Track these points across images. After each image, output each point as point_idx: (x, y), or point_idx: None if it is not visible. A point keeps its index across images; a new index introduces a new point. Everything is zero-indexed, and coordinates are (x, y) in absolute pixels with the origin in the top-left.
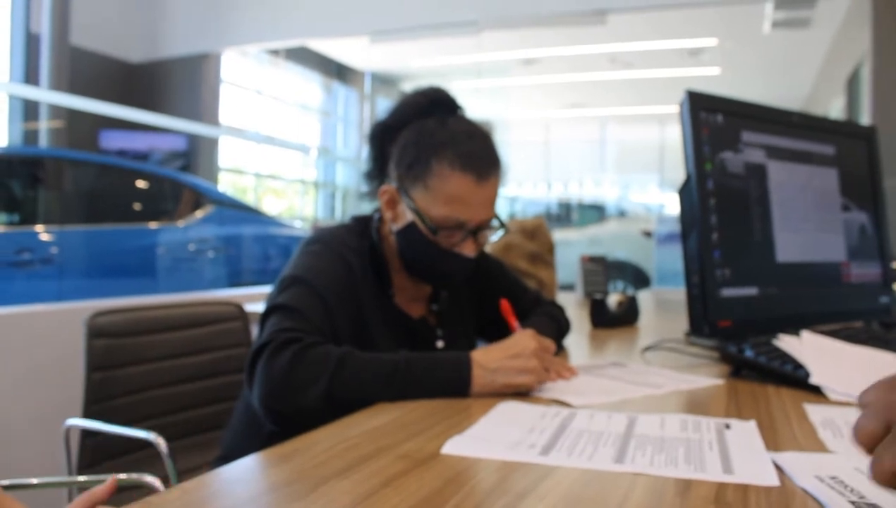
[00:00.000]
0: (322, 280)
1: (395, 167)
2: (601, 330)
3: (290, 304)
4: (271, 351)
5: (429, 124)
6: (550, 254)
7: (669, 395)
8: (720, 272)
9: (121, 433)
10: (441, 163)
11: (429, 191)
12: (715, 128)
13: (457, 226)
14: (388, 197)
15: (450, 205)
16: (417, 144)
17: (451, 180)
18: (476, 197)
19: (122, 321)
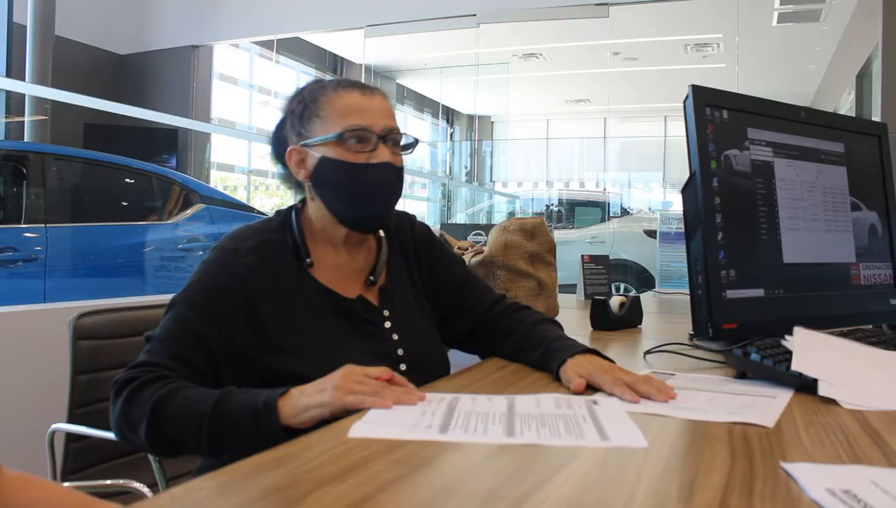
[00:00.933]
0: (198, 303)
1: (291, 132)
2: (603, 332)
3: (155, 335)
4: (115, 390)
5: (303, 90)
6: (551, 254)
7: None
8: (725, 273)
9: (107, 437)
10: (326, 93)
11: (323, 119)
12: (720, 124)
13: (360, 130)
14: (294, 156)
15: (345, 117)
16: (301, 100)
17: (338, 98)
18: (367, 104)
19: (108, 322)
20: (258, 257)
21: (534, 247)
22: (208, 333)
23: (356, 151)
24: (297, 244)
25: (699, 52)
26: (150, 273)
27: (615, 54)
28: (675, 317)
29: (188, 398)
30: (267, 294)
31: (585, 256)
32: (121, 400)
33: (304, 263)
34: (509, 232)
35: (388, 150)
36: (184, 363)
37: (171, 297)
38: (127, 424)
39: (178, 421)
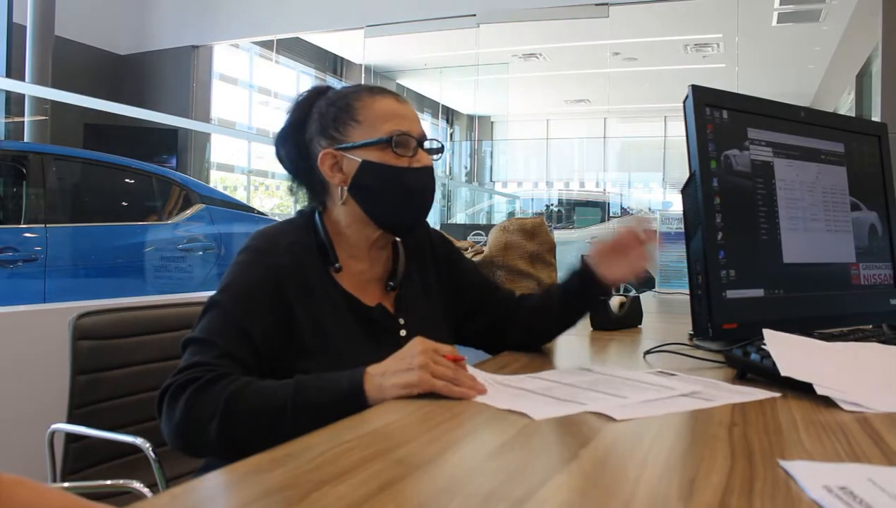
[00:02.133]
0: (239, 299)
1: (320, 137)
2: (602, 332)
3: (200, 336)
4: (171, 395)
5: (329, 94)
6: (551, 254)
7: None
8: (725, 273)
9: (107, 437)
10: (361, 98)
11: (363, 123)
12: (720, 124)
13: (404, 134)
14: (328, 160)
15: (387, 121)
16: (332, 103)
17: (377, 103)
18: (404, 111)
19: (108, 322)
20: (292, 258)
21: (534, 248)
22: (253, 330)
23: (399, 156)
24: (326, 248)
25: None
26: (150, 273)
27: (615, 54)
28: (675, 317)
29: (260, 391)
30: (299, 294)
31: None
32: (181, 403)
33: (333, 267)
34: (509, 232)
35: (425, 154)
36: (235, 360)
37: (209, 298)
38: (193, 426)
39: (254, 414)
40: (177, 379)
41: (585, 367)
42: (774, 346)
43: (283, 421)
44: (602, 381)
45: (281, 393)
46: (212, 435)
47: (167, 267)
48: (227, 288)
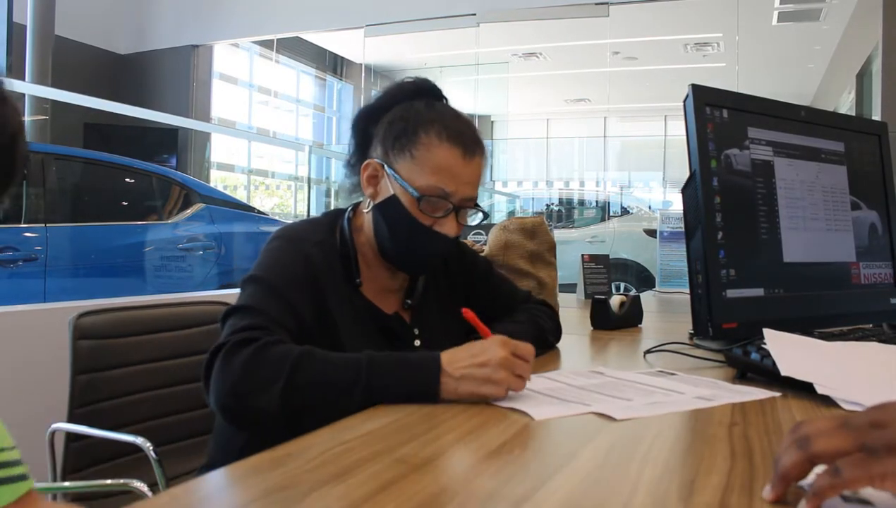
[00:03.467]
0: (280, 275)
1: (380, 143)
2: (603, 332)
3: (246, 304)
4: (228, 350)
5: (416, 104)
6: (551, 254)
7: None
8: (725, 272)
9: (107, 437)
10: (429, 134)
11: (415, 162)
12: (720, 123)
13: (441, 197)
14: (370, 170)
15: (436, 175)
16: (405, 119)
17: (439, 150)
18: (462, 170)
19: (108, 322)
20: (323, 253)
21: (534, 247)
22: (297, 306)
23: (426, 213)
24: (349, 258)
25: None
26: (150, 273)
27: (615, 53)
28: (675, 317)
29: (330, 361)
30: (328, 290)
31: (585, 255)
32: (241, 360)
33: (354, 283)
34: (509, 231)
35: (455, 223)
36: (281, 327)
37: (246, 276)
38: (253, 387)
39: (322, 384)
40: (233, 338)
41: (597, 370)
42: (774, 346)
43: (352, 396)
44: (610, 384)
45: (352, 367)
46: (273, 399)
47: (167, 267)
48: (267, 267)
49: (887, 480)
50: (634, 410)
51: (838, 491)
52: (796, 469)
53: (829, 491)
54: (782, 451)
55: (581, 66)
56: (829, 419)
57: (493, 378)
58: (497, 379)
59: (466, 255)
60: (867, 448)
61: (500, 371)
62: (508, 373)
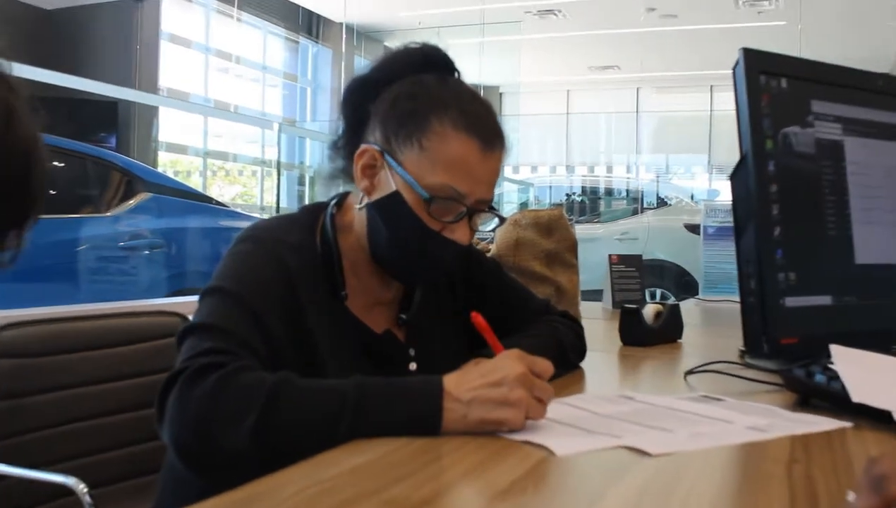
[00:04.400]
0: (250, 287)
1: (379, 125)
2: (635, 348)
3: (208, 322)
4: (188, 378)
5: (426, 79)
6: (571, 254)
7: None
8: (784, 276)
9: (32, 477)
10: (443, 122)
11: (425, 154)
12: (778, 95)
13: (454, 199)
14: (366, 159)
15: (450, 171)
16: (413, 97)
17: (455, 142)
18: (480, 167)
19: (35, 336)
20: (302, 259)
21: (551, 246)
22: (269, 323)
23: (435, 216)
24: (333, 265)
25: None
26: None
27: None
28: (722, 330)
29: (311, 389)
30: (308, 308)
31: (613, 256)
32: (204, 391)
33: (338, 295)
34: (521, 227)
35: (467, 228)
36: (255, 355)
37: (207, 286)
38: (220, 422)
39: (303, 417)
40: (193, 363)
41: (627, 395)
42: (844, 366)
43: (336, 432)
44: (644, 412)
45: (337, 397)
46: (242, 438)
47: (106, 270)
48: (233, 276)
49: None
50: (673, 443)
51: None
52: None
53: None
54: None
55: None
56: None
57: (510, 398)
58: (514, 399)
59: (471, 257)
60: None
61: (518, 389)
62: (527, 394)
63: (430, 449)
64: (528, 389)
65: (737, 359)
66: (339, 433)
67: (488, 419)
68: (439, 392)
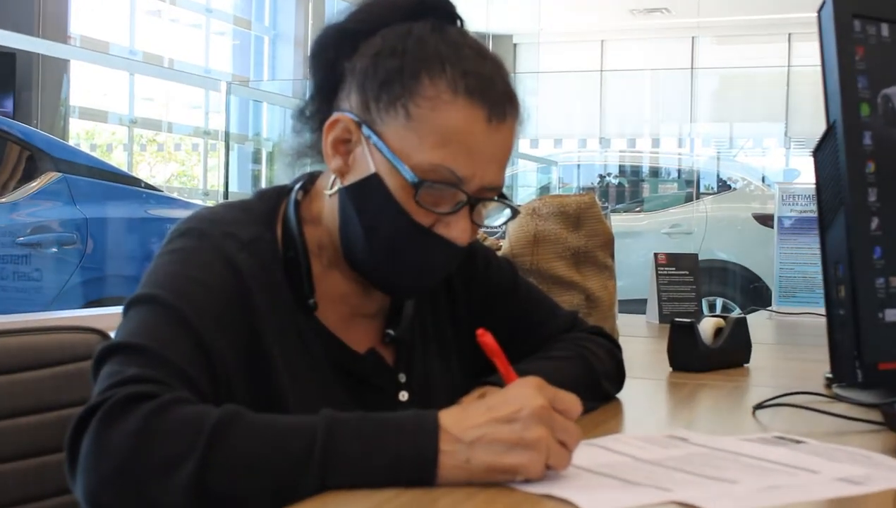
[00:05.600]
0: (189, 296)
1: (357, 88)
2: (688, 375)
3: (134, 342)
4: (104, 416)
5: (418, 28)
6: (606, 253)
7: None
8: (884, 282)
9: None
10: (437, 84)
11: (413, 125)
12: (877, 46)
13: (450, 184)
14: (338, 131)
15: (445, 147)
16: (399, 52)
17: (452, 110)
18: (485, 143)
19: None
20: (256, 257)
21: (579, 242)
22: (216, 338)
23: (426, 206)
24: (298, 264)
25: None
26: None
27: None
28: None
29: (268, 427)
30: (264, 321)
31: (661, 256)
32: (127, 431)
33: (305, 304)
34: (541, 218)
35: (468, 223)
36: (191, 386)
37: (134, 295)
38: (148, 469)
39: (258, 462)
40: (114, 393)
41: (677, 435)
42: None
43: (300, 481)
44: (700, 458)
45: (302, 436)
46: (179, 489)
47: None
48: (168, 280)
49: None
50: (740, 499)
51: None
52: None
53: None
54: None
55: None
56: None
57: (525, 439)
58: (530, 440)
59: (478, 257)
60: None
61: (536, 428)
62: (547, 433)
63: (420, 504)
64: (549, 428)
65: (822, 390)
66: (305, 483)
67: (497, 465)
68: (435, 430)
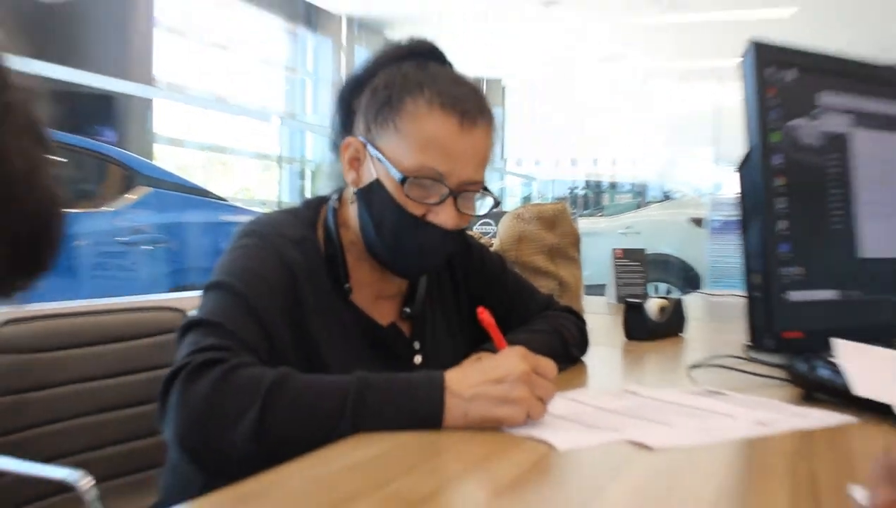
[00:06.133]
0: (251, 283)
1: (362, 116)
2: (638, 343)
3: (209, 318)
4: (189, 374)
5: (405, 66)
6: (575, 249)
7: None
8: (789, 270)
9: (36, 473)
10: (416, 102)
11: (401, 136)
12: (786, 87)
13: (432, 179)
14: (351, 151)
15: (425, 151)
16: (390, 85)
17: (429, 121)
18: (459, 144)
19: (36, 332)
20: (304, 254)
21: (554, 240)
22: (269, 323)
23: (415, 199)
24: (336, 259)
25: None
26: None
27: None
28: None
29: (312, 385)
30: (312, 300)
31: (617, 250)
32: (205, 386)
33: (344, 288)
34: (524, 220)
35: (454, 211)
36: (255, 353)
37: (209, 282)
38: (220, 416)
39: (304, 412)
40: (195, 359)
41: (631, 390)
42: (848, 360)
43: (338, 426)
44: (647, 407)
45: (339, 393)
46: (244, 433)
47: (105, 265)
48: (235, 271)
49: None
50: (676, 438)
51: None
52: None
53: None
54: (873, 487)
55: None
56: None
57: (510, 396)
58: (516, 397)
59: (474, 251)
60: None
61: (520, 388)
62: (529, 392)
63: (431, 445)
64: (530, 388)
65: (741, 354)
66: (341, 428)
67: (489, 416)
68: (441, 388)
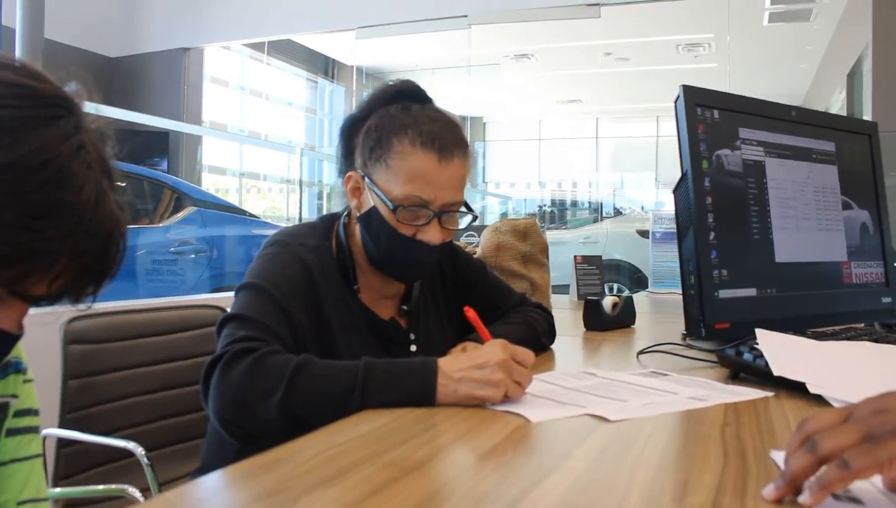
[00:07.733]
0: (277, 283)
1: (359, 153)
2: (595, 333)
3: (242, 313)
4: (227, 361)
5: (392, 109)
6: (543, 255)
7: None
8: (717, 273)
9: (99, 442)
10: (402, 142)
11: (390, 171)
12: (711, 124)
13: (419, 206)
14: (352, 183)
15: (411, 183)
16: (379, 127)
17: (412, 157)
18: (439, 175)
19: (99, 326)
20: (320, 259)
21: (526, 248)
22: (293, 316)
23: (406, 222)
24: (346, 265)
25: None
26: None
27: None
28: (668, 317)
29: (327, 370)
30: (325, 299)
31: (578, 257)
32: (241, 371)
33: (353, 289)
34: (501, 233)
35: (438, 229)
36: (282, 342)
37: (241, 283)
38: (253, 396)
39: (320, 393)
40: (231, 348)
41: (589, 372)
42: (767, 346)
43: (348, 404)
44: (604, 385)
45: (349, 375)
46: (271, 409)
47: (159, 271)
48: (263, 273)
49: (895, 463)
50: (629, 411)
51: (847, 483)
52: (806, 472)
53: (838, 484)
54: (790, 453)
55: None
56: (833, 413)
57: (490, 379)
58: (495, 380)
59: (460, 258)
60: (872, 437)
61: (498, 372)
62: (506, 376)
63: (425, 418)
64: (508, 372)
65: (680, 341)
66: (351, 405)
67: (474, 395)
68: (434, 371)
